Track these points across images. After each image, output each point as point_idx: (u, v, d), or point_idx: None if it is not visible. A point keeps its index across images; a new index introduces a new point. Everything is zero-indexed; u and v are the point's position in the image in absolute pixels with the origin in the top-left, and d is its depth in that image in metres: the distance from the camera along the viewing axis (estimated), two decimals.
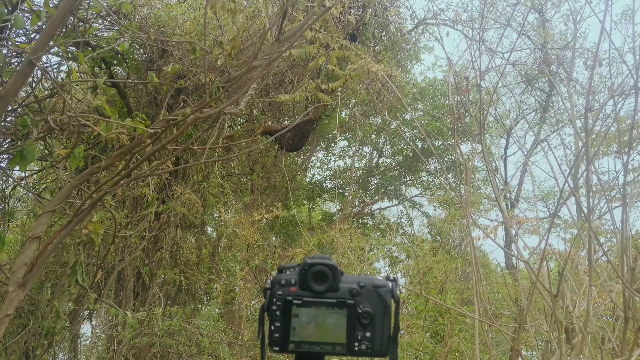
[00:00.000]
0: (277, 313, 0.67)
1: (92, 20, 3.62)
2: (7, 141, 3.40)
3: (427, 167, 9.62)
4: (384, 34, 7.06)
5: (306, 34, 3.57)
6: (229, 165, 6.44)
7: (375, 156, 11.01)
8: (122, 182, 2.43)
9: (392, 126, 7.99)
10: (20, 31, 3.48)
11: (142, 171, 3.14)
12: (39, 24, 2.96)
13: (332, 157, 10.70)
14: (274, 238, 7.94)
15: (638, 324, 2.09)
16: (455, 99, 4.04)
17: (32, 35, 3.50)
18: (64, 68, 3.87)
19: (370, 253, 6.52)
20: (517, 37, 8.16)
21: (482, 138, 2.93)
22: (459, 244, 8.10)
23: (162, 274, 4.93)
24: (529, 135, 10.81)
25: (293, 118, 6.86)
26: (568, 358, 2.31)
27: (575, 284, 2.68)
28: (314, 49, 3.84)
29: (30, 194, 4.19)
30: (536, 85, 10.14)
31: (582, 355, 2.28)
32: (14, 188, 4.05)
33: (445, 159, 9.39)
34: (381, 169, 11.07)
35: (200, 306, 6.27)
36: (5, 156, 3.58)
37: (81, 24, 3.40)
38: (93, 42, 3.86)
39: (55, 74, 3.72)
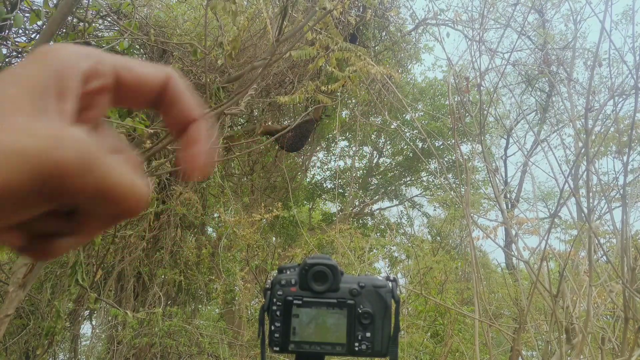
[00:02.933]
0: (277, 313, 0.68)
1: (92, 20, 3.62)
2: None
3: (427, 167, 9.61)
4: (384, 34, 7.06)
5: (307, 35, 3.57)
6: (229, 165, 6.44)
7: (376, 156, 11.01)
8: None
9: (393, 126, 7.99)
10: (21, 30, 3.48)
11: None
12: (38, 23, 2.97)
13: (333, 157, 10.70)
14: (274, 238, 7.94)
15: (638, 324, 2.09)
16: (456, 99, 4.04)
17: (32, 35, 3.51)
18: None
19: (370, 253, 6.52)
20: (517, 37, 8.16)
21: (482, 138, 2.93)
22: (459, 244, 8.11)
23: (162, 274, 4.94)
24: (529, 136, 10.81)
25: (293, 118, 6.86)
26: (568, 358, 2.31)
27: (575, 284, 2.68)
28: (314, 50, 3.84)
29: None
30: (536, 85, 10.14)
31: (582, 355, 2.28)
32: None
33: (446, 159, 9.40)
34: (381, 169, 11.07)
35: (200, 306, 6.27)
36: None
37: (81, 23, 3.40)
38: (93, 42, 3.85)
39: None
